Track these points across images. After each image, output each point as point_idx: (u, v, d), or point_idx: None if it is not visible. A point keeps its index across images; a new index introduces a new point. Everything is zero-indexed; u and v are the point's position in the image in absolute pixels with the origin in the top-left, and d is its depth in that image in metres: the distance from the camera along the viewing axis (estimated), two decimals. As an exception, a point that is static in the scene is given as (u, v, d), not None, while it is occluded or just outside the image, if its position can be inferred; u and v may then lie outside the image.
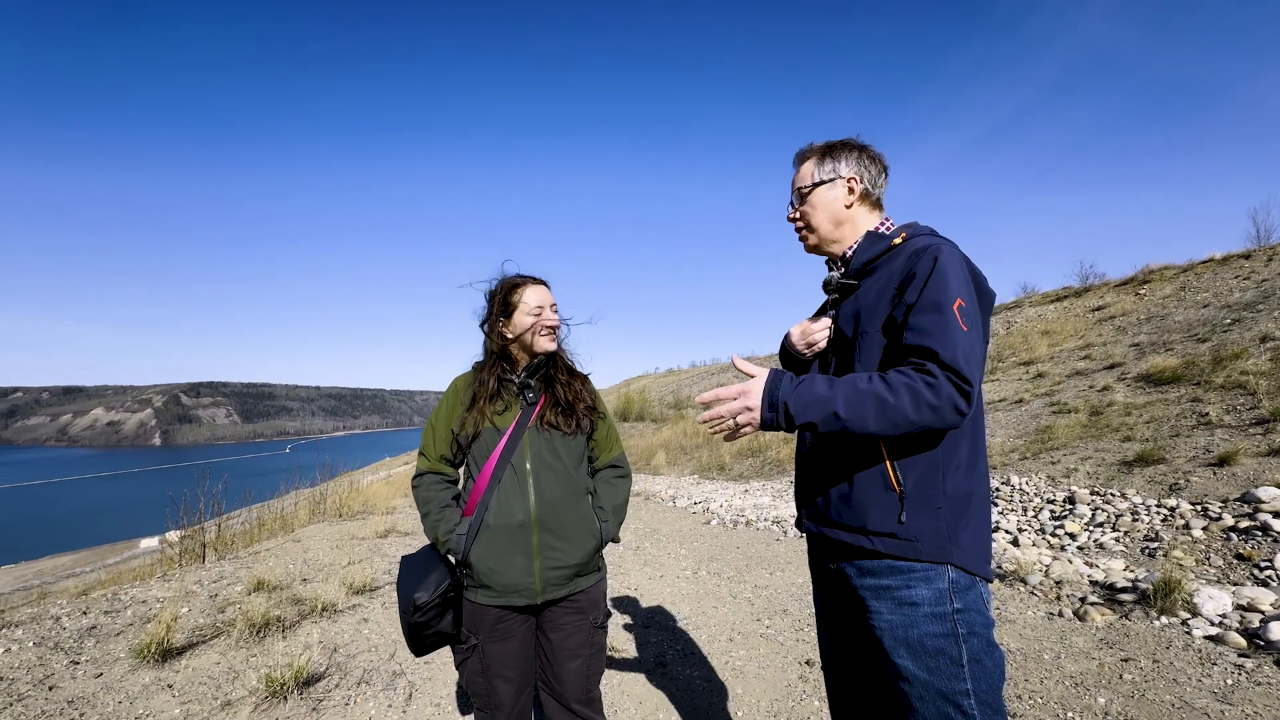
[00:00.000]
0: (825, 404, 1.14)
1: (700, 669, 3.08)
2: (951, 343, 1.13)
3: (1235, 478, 5.22)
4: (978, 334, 1.19)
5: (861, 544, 1.24)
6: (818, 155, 1.44)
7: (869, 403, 1.12)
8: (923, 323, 1.17)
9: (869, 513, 1.23)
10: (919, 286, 1.20)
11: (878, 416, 1.11)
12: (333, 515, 7.81)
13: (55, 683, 2.93)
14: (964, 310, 1.17)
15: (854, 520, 1.25)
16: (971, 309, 1.19)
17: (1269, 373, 6.83)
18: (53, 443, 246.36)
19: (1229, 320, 9.02)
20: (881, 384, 1.13)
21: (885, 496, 1.22)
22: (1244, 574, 4.07)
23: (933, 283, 1.19)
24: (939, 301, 1.17)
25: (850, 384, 1.16)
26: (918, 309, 1.19)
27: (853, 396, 1.13)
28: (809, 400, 1.15)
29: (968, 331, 1.16)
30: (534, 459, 1.65)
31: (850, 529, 1.27)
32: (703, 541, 6.02)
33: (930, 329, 1.15)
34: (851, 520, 1.26)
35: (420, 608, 1.55)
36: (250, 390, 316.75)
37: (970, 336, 1.16)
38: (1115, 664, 2.84)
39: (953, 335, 1.14)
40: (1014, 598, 3.84)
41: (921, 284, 1.20)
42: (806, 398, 1.16)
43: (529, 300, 1.71)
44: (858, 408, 1.12)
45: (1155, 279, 12.65)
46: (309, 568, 5.01)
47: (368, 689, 2.89)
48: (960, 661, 1.16)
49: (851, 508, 1.26)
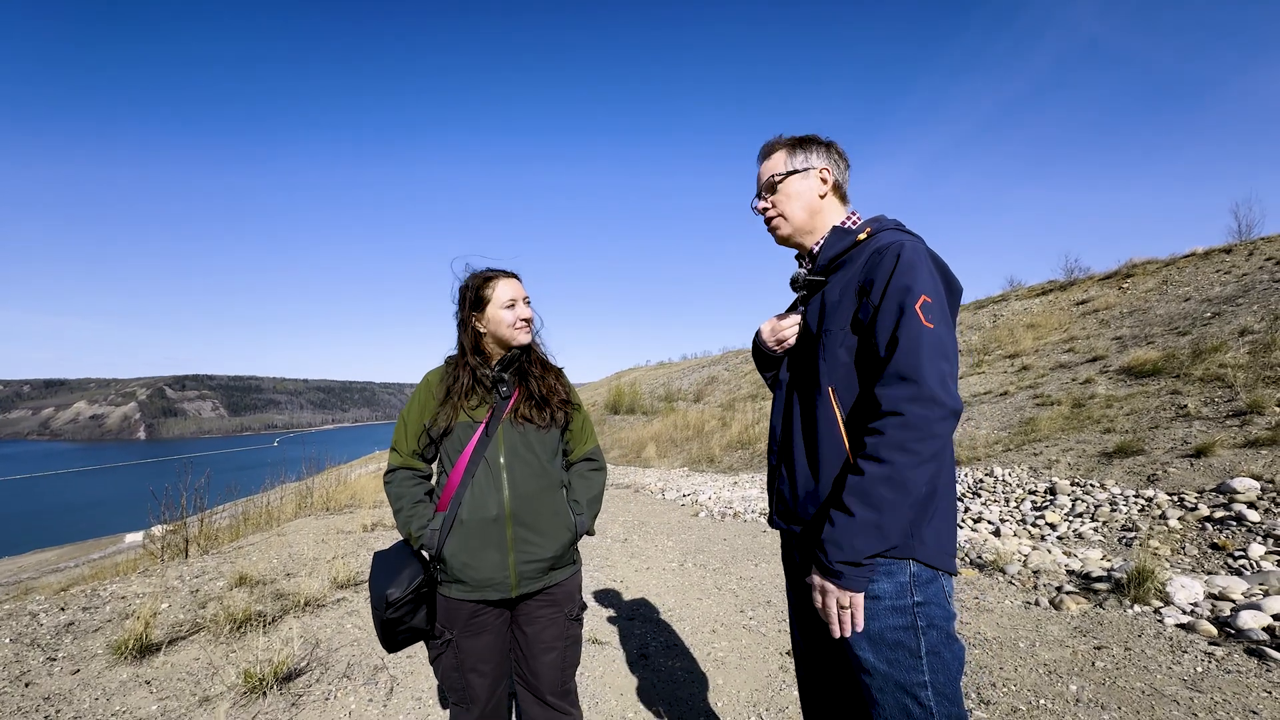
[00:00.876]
0: (876, 529, 1.13)
1: (682, 660, 3.10)
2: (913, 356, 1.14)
3: (1212, 469, 5.32)
4: (945, 328, 1.19)
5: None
6: (787, 147, 1.44)
7: (884, 492, 1.11)
8: (886, 333, 1.18)
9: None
10: (881, 288, 1.20)
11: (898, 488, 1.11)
12: (319, 509, 7.77)
13: (31, 679, 2.90)
14: (928, 307, 1.17)
15: (820, 517, 1.26)
16: (938, 304, 1.19)
17: (1247, 365, 6.95)
18: (34, 436, 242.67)
19: (1209, 314, 9.15)
20: (877, 468, 1.12)
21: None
22: (1218, 563, 4.16)
23: (895, 283, 1.19)
24: (902, 304, 1.17)
25: (857, 487, 1.14)
26: (882, 312, 1.19)
27: (875, 495, 1.12)
28: (859, 545, 1.14)
29: (932, 328, 1.16)
30: (508, 453, 1.65)
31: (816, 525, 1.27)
32: (690, 534, 6.05)
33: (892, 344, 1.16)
34: (818, 517, 1.26)
35: (393, 604, 1.54)
36: (237, 383, 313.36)
37: (936, 334, 1.16)
38: (1088, 652, 2.89)
39: (917, 345, 1.14)
40: (993, 587, 3.89)
41: (884, 285, 1.20)
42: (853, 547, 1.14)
43: (501, 294, 1.70)
44: (886, 509, 1.12)
45: (1138, 273, 12.79)
46: (293, 562, 4.98)
47: (349, 683, 2.88)
48: (919, 654, 1.17)
49: (818, 505, 1.27)
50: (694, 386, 22.29)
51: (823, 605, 1.20)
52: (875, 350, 1.20)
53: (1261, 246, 11.36)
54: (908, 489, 1.11)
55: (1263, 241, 11.70)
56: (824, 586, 1.18)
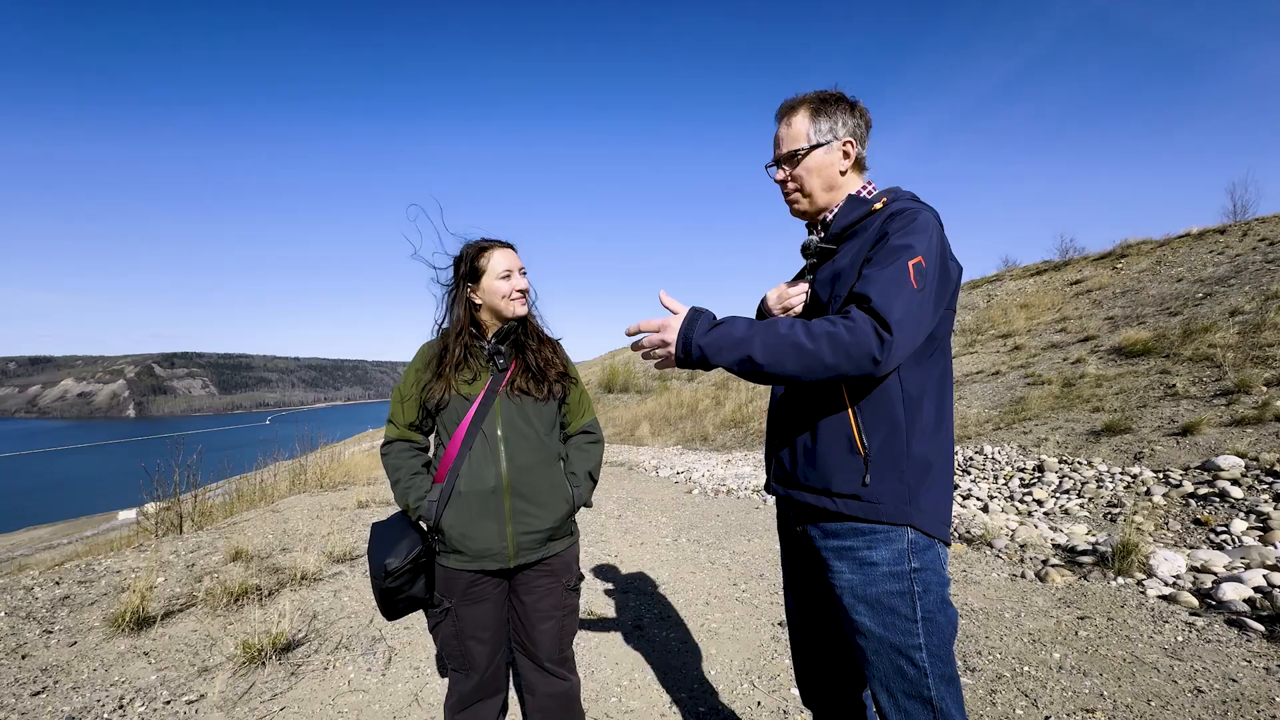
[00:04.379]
0: (740, 346, 1.14)
1: (676, 631, 3.15)
2: (888, 293, 1.11)
3: (1198, 447, 5.41)
4: (929, 297, 1.16)
5: (826, 506, 1.26)
6: (810, 111, 1.35)
7: (786, 349, 1.11)
8: (872, 271, 1.16)
9: (834, 476, 1.24)
10: (885, 241, 1.19)
11: (796, 360, 1.11)
12: (313, 486, 7.78)
13: (28, 651, 2.92)
14: (920, 269, 1.14)
15: (819, 483, 1.27)
16: (931, 273, 1.17)
17: (1236, 345, 7.03)
18: (21, 414, 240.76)
19: (1201, 294, 9.22)
20: (803, 330, 1.12)
21: (850, 460, 1.23)
22: (1200, 538, 4.25)
23: (895, 237, 1.18)
24: (896, 251, 1.16)
25: (771, 328, 1.14)
26: (874, 260, 1.18)
27: (771, 342, 1.12)
28: (724, 344, 1.15)
29: (918, 290, 1.14)
30: (505, 425, 1.64)
31: (815, 491, 1.28)
32: (684, 510, 6.11)
33: (874, 277, 1.14)
34: (817, 483, 1.27)
35: (392, 573, 1.55)
36: (227, 361, 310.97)
37: (919, 297, 1.14)
38: (1071, 622, 2.96)
39: (893, 287, 1.12)
40: (980, 561, 3.97)
41: (888, 238, 1.19)
42: (721, 341, 1.15)
43: (497, 265, 1.67)
44: (775, 353, 1.11)
45: (1132, 253, 12.84)
46: (288, 537, 5.00)
47: (347, 654, 2.91)
48: (914, 618, 1.19)
49: (817, 470, 1.27)
50: (688, 366, 22.31)
51: (648, 344, 1.21)
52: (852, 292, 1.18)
53: (1255, 227, 11.41)
54: (798, 366, 1.11)
55: (1257, 222, 11.76)
56: (668, 340, 1.19)
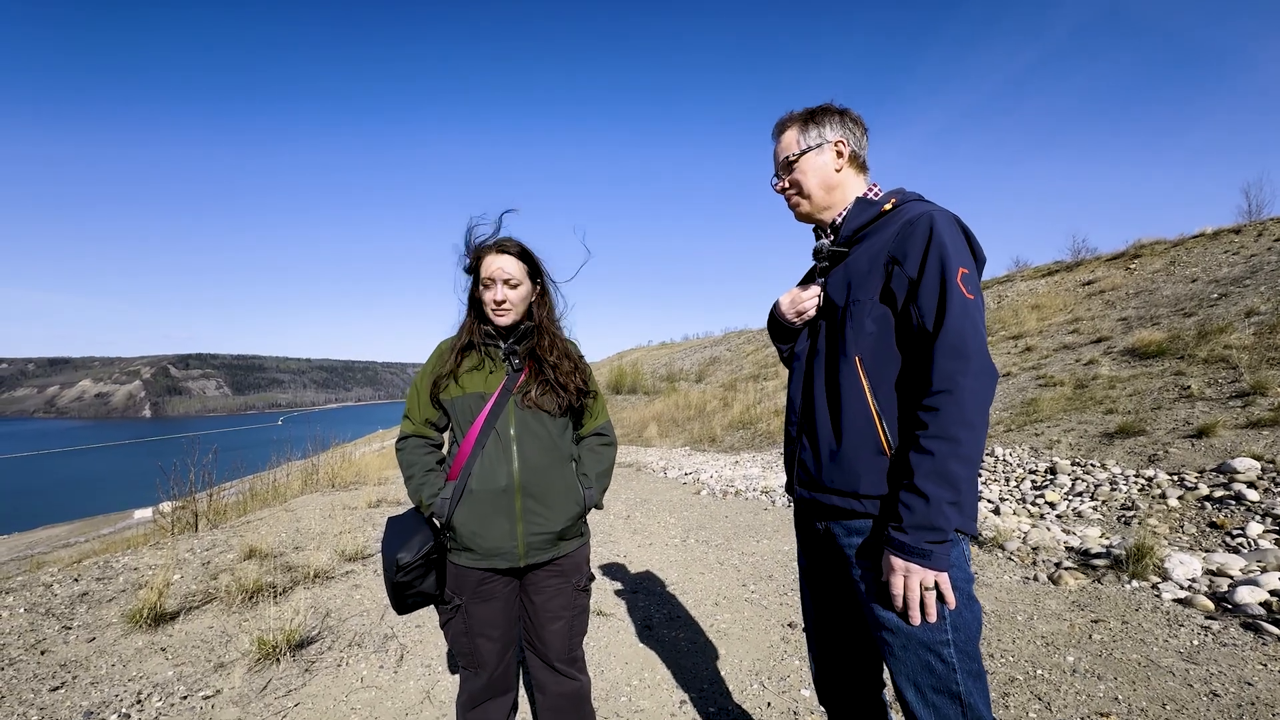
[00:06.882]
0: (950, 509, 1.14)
1: (686, 631, 3.15)
2: (962, 329, 1.16)
3: (1213, 449, 5.33)
4: (979, 297, 1.22)
5: (853, 507, 1.27)
6: (800, 123, 1.43)
7: (957, 469, 1.13)
8: (932, 308, 1.20)
9: (861, 477, 1.26)
10: (918, 261, 1.22)
11: (975, 443, 1.14)
12: (325, 486, 7.85)
13: (47, 647, 2.97)
14: (966, 279, 1.20)
15: (846, 485, 1.28)
16: (972, 275, 1.22)
17: (1252, 347, 6.92)
18: (40, 414, 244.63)
19: (1216, 295, 9.09)
20: (946, 445, 1.13)
21: (877, 460, 1.25)
22: (1216, 541, 4.19)
23: (932, 256, 1.21)
24: (944, 277, 1.19)
25: (932, 472, 1.14)
26: (924, 286, 1.21)
27: (954, 468, 1.13)
28: (938, 521, 1.14)
29: (974, 299, 1.19)
30: (518, 425, 1.65)
31: (842, 493, 1.29)
32: (692, 511, 6.11)
33: (943, 317, 1.18)
34: (844, 485, 1.28)
35: (403, 568, 1.57)
36: (240, 362, 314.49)
37: (976, 304, 1.19)
38: (1085, 625, 2.93)
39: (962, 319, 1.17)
40: (992, 563, 3.94)
41: (921, 258, 1.22)
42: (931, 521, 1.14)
43: (482, 272, 1.66)
44: (964, 484, 1.14)
45: (1146, 254, 12.68)
46: (301, 536, 5.06)
47: (359, 651, 2.95)
48: (942, 614, 1.19)
49: (844, 472, 1.28)
50: (696, 367, 22.32)
51: (904, 588, 1.17)
52: (917, 324, 1.22)
53: (1271, 227, 11.23)
54: (974, 461, 1.14)
55: (1272, 222, 11.57)
56: (908, 569, 1.16)
